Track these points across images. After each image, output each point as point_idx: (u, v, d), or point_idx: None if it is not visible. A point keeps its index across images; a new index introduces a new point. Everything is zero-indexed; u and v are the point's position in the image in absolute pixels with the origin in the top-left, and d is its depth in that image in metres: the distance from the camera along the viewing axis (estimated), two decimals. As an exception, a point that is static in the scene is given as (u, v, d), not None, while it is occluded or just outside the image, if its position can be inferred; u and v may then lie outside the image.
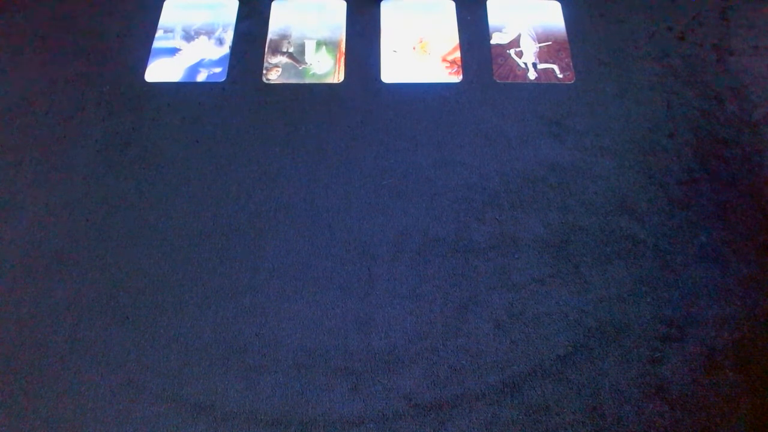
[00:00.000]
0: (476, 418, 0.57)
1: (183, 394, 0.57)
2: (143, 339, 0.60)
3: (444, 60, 0.77)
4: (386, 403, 0.57)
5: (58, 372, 0.58)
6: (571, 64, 0.76)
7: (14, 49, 0.78)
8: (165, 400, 0.57)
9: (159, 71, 0.77)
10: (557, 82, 0.75)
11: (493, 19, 0.80)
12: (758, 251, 0.66)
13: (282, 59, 0.78)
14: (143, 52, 0.79)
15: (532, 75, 0.76)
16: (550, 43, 0.78)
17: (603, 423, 0.57)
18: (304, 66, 0.77)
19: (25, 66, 0.77)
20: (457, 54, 0.77)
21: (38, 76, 0.76)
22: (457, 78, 0.75)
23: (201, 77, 0.77)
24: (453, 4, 0.81)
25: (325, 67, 0.77)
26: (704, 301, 0.63)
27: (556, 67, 0.76)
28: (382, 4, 0.82)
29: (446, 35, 0.79)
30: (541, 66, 0.76)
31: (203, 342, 0.60)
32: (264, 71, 0.77)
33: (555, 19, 0.80)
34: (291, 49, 0.78)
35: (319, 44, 0.79)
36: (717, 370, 0.60)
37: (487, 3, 0.81)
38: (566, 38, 0.78)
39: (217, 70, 0.77)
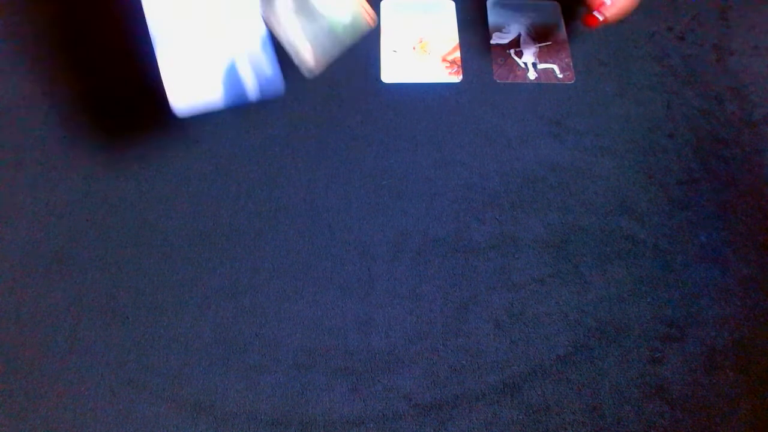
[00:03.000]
0: (476, 418, 0.57)
1: (183, 394, 0.57)
2: (143, 339, 0.60)
3: (444, 60, 0.77)
4: (386, 403, 0.57)
5: (58, 372, 0.58)
6: (571, 64, 0.76)
7: (14, 49, 0.78)
8: (165, 400, 0.57)
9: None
10: (557, 82, 0.75)
11: (493, 19, 0.80)
12: (758, 251, 0.66)
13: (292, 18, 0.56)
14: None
15: (532, 75, 0.76)
16: (550, 43, 0.78)
17: (603, 423, 0.57)
18: (322, 21, 0.56)
19: (25, 66, 0.77)
20: (457, 54, 0.77)
21: (38, 76, 0.76)
22: (457, 78, 0.75)
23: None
24: (453, 4, 0.81)
25: (346, 7, 0.56)
26: (704, 301, 0.63)
27: (556, 67, 0.76)
28: (382, 4, 0.82)
29: (446, 35, 0.79)
30: (541, 66, 0.76)
31: (203, 342, 0.60)
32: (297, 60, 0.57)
33: (555, 19, 0.80)
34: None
35: None
36: (717, 370, 0.60)
37: (487, 3, 0.81)
38: (566, 38, 0.78)
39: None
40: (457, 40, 0.78)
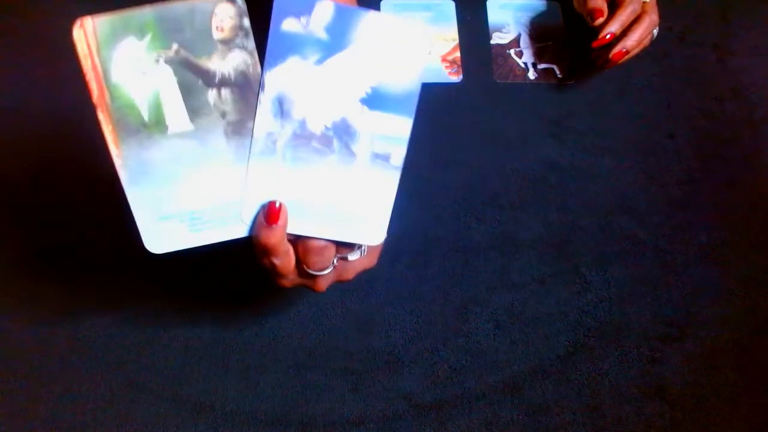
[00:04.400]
0: (476, 418, 0.57)
1: (183, 394, 0.57)
2: (143, 339, 0.60)
3: (444, 60, 0.77)
4: (386, 403, 0.57)
5: (58, 372, 0.58)
6: (571, 64, 0.76)
7: (14, 49, 0.78)
8: (165, 400, 0.57)
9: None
10: (557, 82, 0.75)
11: (493, 19, 0.80)
12: (758, 251, 0.66)
13: None
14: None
15: (532, 75, 0.76)
16: (550, 43, 0.78)
17: (603, 423, 0.57)
18: None
19: (25, 66, 0.76)
20: (457, 54, 0.77)
21: (38, 76, 0.76)
22: (457, 78, 0.75)
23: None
24: (453, 4, 0.81)
25: None
26: (704, 301, 0.63)
27: (556, 67, 0.76)
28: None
29: (446, 35, 0.79)
30: (541, 66, 0.76)
31: (203, 342, 0.60)
32: None
33: (555, 19, 0.80)
34: None
35: None
36: (717, 370, 0.60)
37: (487, 3, 0.81)
38: (566, 38, 0.78)
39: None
40: (457, 40, 0.78)
